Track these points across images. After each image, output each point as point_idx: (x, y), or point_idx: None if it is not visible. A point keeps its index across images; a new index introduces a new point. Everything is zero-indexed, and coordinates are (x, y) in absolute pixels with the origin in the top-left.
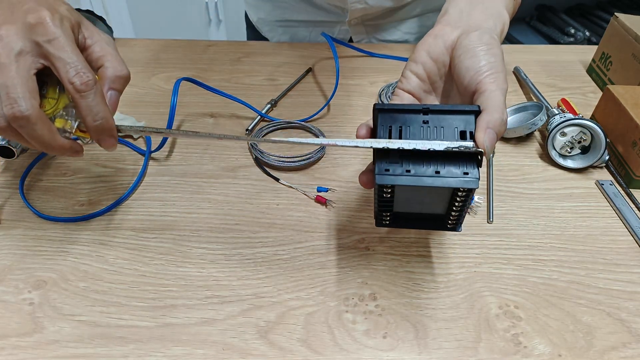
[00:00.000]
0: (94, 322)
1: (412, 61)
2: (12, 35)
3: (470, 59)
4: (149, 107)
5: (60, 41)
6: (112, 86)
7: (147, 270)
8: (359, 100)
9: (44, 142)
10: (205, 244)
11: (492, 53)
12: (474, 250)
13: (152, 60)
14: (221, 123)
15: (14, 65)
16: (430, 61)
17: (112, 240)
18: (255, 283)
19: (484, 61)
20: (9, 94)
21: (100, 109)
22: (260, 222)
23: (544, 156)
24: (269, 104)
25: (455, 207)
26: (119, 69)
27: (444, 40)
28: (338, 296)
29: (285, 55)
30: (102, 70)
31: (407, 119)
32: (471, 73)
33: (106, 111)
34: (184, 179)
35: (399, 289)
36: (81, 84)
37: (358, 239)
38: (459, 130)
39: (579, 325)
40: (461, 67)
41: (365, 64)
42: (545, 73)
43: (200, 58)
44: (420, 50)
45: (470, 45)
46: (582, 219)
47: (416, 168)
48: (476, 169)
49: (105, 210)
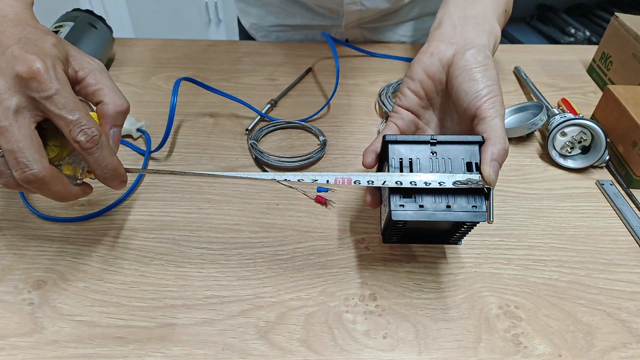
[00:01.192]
0: (93, 322)
1: (409, 78)
2: (4, 92)
3: (468, 82)
4: (149, 107)
5: (59, 97)
6: (114, 123)
7: (147, 270)
8: (359, 100)
9: (58, 197)
10: (205, 244)
11: (489, 76)
12: (474, 250)
13: (152, 60)
14: (221, 123)
15: (15, 125)
16: (427, 79)
17: (112, 241)
18: (255, 283)
19: (482, 84)
20: (17, 159)
21: (109, 161)
22: (260, 222)
23: (544, 156)
24: (269, 104)
25: (461, 231)
26: (119, 104)
27: (440, 58)
28: (338, 296)
29: (285, 55)
30: (101, 107)
31: (415, 150)
32: (470, 97)
33: (114, 160)
34: (183, 179)
35: (399, 289)
36: (87, 141)
37: (358, 239)
38: (465, 162)
39: (580, 326)
40: (459, 91)
41: (365, 64)
42: (546, 73)
43: (200, 58)
44: (417, 68)
45: (467, 67)
46: (582, 219)
47: (428, 202)
48: (483, 202)
49: (104, 210)
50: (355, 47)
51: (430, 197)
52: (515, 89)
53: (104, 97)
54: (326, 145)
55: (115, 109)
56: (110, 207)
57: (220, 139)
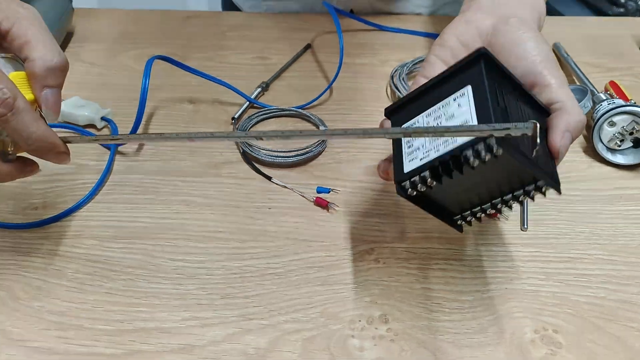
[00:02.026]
0: (49, 349)
1: (438, 45)
2: None
3: (519, 46)
4: (116, 92)
5: None
6: (46, 83)
7: (113, 287)
8: (367, 83)
9: None
10: (182, 256)
11: (541, 40)
12: (505, 263)
13: (120, 35)
14: (202, 110)
15: None
16: (460, 47)
17: (71, 251)
18: (243, 302)
19: (537, 50)
20: None
21: (32, 130)
22: (249, 230)
23: (589, 150)
24: (259, 88)
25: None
26: (48, 59)
27: (477, 26)
28: (342, 318)
29: (279, 28)
30: (28, 64)
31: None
32: (524, 63)
33: (40, 128)
34: (157, 178)
35: (415, 310)
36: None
37: (366, 250)
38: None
39: (630, 353)
40: (509, 56)
41: (374, 40)
42: (591, 51)
43: (178, 32)
44: (449, 34)
45: (515, 32)
46: (635, 226)
47: None
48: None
49: (62, 215)
50: (363, 20)
51: None
52: None
53: (30, 51)
54: None
55: (45, 65)
56: (69, 211)
57: (201, 129)
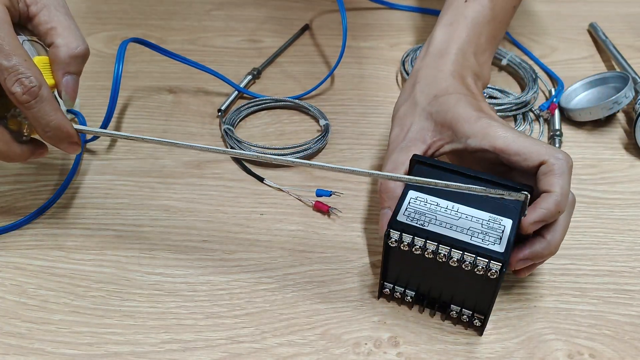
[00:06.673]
0: None
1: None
2: None
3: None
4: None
5: None
6: (68, 70)
7: (81, 305)
8: (374, 69)
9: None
10: (161, 269)
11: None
12: (535, 277)
13: (89, 14)
14: (183, 101)
15: None
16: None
17: (33, 264)
18: (231, 323)
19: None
20: None
21: (52, 118)
22: (238, 239)
23: (631, 147)
24: (249, 75)
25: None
26: (73, 46)
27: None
28: (346, 340)
29: (272, 6)
30: (52, 50)
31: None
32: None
33: (59, 118)
34: (131, 179)
35: (429, 331)
36: (23, 93)
37: (373, 262)
38: None
39: None
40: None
41: (382, 19)
42: (633, 32)
43: (155, 11)
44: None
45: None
46: None
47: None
48: None
49: (23, 222)
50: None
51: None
52: (590, 54)
53: (55, 37)
54: (329, 131)
55: (69, 52)
56: (30, 217)
57: (182, 124)
